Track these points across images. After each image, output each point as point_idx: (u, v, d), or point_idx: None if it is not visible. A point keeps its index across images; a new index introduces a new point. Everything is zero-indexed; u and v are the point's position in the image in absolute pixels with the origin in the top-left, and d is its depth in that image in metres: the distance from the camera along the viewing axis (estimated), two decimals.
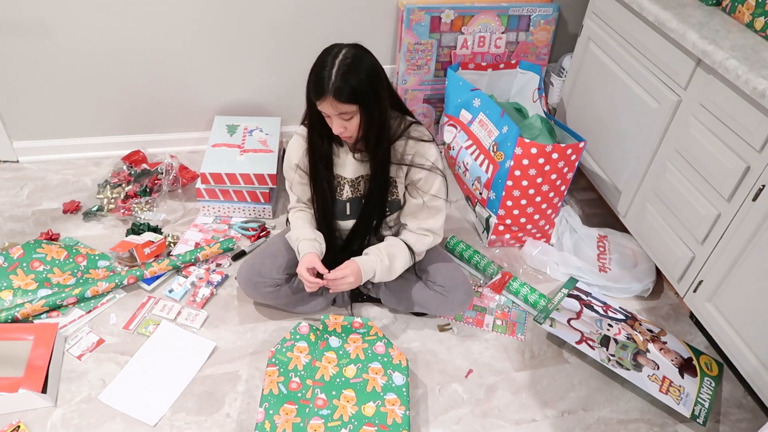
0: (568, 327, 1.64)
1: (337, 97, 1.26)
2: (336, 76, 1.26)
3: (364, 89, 1.28)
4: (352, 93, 1.27)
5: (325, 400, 1.40)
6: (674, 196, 1.61)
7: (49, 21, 1.88)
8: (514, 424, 1.48)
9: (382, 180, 1.47)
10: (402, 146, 1.47)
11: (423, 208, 1.52)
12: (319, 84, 1.28)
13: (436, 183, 1.49)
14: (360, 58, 1.29)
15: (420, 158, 1.47)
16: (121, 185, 2.04)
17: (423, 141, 1.47)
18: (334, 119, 1.33)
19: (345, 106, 1.28)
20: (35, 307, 1.58)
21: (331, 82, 1.26)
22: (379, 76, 1.33)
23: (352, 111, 1.30)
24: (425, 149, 1.47)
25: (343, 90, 1.26)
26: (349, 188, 1.53)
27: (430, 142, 1.48)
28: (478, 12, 2.09)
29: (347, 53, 1.29)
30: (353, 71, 1.27)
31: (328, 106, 1.30)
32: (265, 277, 1.57)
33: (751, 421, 1.53)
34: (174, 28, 1.98)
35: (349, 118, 1.32)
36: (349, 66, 1.27)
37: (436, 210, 1.53)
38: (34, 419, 1.40)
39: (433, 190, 1.50)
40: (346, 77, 1.26)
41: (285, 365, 1.46)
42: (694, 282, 1.58)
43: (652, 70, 1.66)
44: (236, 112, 2.22)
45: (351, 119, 1.32)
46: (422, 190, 1.50)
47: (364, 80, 1.28)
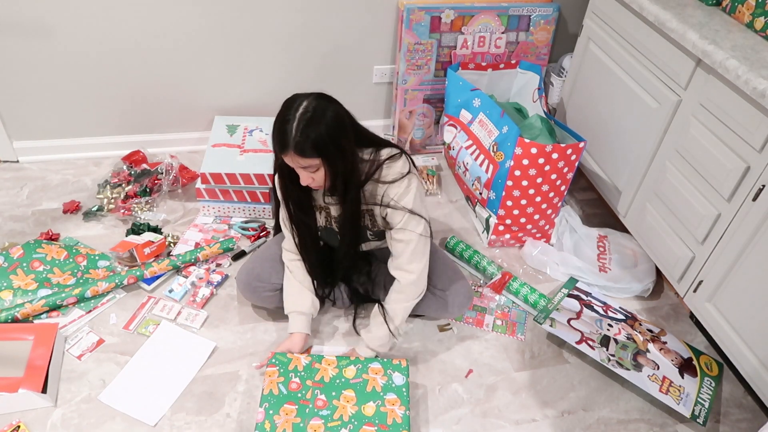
0: (568, 327, 1.64)
1: (298, 152, 1.25)
2: (296, 131, 1.24)
3: (324, 143, 1.25)
4: (313, 147, 1.24)
5: (325, 401, 1.40)
6: (674, 196, 1.61)
7: (49, 21, 1.88)
8: (514, 424, 1.48)
9: (352, 223, 1.46)
10: (372, 188, 1.42)
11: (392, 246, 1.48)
12: (282, 138, 1.26)
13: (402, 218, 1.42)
14: (321, 110, 1.26)
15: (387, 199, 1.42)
16: (121, 185, 2.04)
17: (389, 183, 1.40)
18: (300, 172, 1.32)
19: (307, 160, 1.27)
20: (35, 307, 1.58)
21: (291, 137, 1.24)
22: (341, 127, 1.29)
23: (316, 164, 1.28)
24: (392, 190, 1.40)
25: (303, 145, 1.24)
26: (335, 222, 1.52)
27: (398, 181, 1.40)
28: (478, 12, 2.09)
29: (308, 106, 1.26)
30: (313, 125, 1.24)
31: (291, 160, 1.28)
32: (264, 281, 1.58)
33: (751, 421, 1.53)
34: (174, 28, 1.98)
35: (314, 170, 1.30)
36: (309, 120, 1.24)
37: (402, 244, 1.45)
38: (34, 419, 1.40)
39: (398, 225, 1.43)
40: (306, 132, 1.24)
41: (285, 366, 1.46)
42: (694, 282, 1.58)
43: (652, 70, 1.66)
44: (236, 112, 2.22)
45: (317, 171, 1.31)
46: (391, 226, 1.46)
47: (323, 134, 1.25)
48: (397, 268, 1.50)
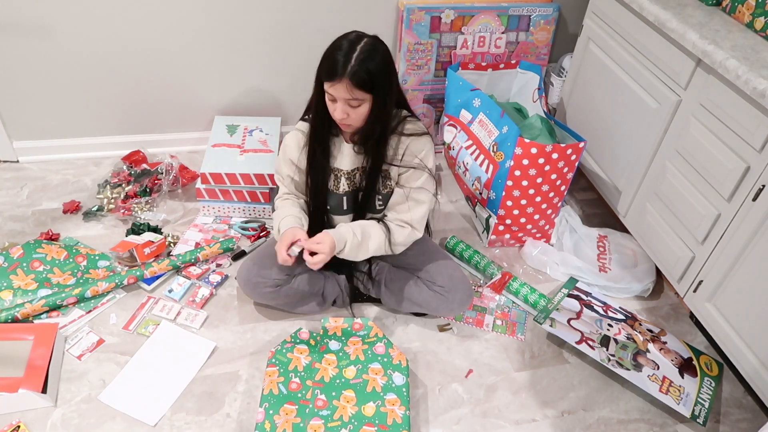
0: (568, 327, 1.64)
1: (354, 81, 1.25)
2: (355, 61, 1.25)
3: (381, 79, 1.27)
4: (368, 80, 1.26)
5: (325, 401, 1.40)
6: (674, 196, 1.61)
7: (49, 21, 1.88)
8: (514, 424, 1.48)
9: (375, 174, 1.48)
10: (395, 142, 1.46)
11: (404, 200, 1.51)
12: (334, 66, 1.26)
13: (421, 178, 1.48)
14: (378, 47, 1.29)
15: (409, 155, 1.46)
16: (121, 185, 2.04)
17: (414, 136, 1.46)
18: (340, 104, 1.31)
19: (358, 92, 1.27)
20: (35, 307, 1.58)
21: (349, 66, 1.25)
22: (393, 69, 1.33)
23: (363, 98, 1.29)
24: (416, 145, 1.46)
25: (360, 75, 1.25)
26: (345, 181, 1.52)
27: (421, 136, 1.46)
28: (478, 12, 2.09)
29: (368, 40, 1.29)
30: (372, 58, 1.26)
31: (342, 89, 1.28)
32: (265, 277, 1.57)
33: (751, 421, 1.53)
34: (174, 28, 1.98)
35: (357, 105, 1.30)
36: (368, 52, 1.26)
37: (416, 203, 1.51)
38: (34, 419, 1.40)
39: (417, 184, 1.49)
40: (365, 63, 1.25)
41: (285, 366, 1.46)
42: (694, 282, 1.58)
43: (652, 70, 1.66)
44: (236, 112, 2.22)
45: (358, 107, 1.31)
46: (407, 185, 1.49)
47: (382, 69, 1.27)
48: (405, 222, 1.50)
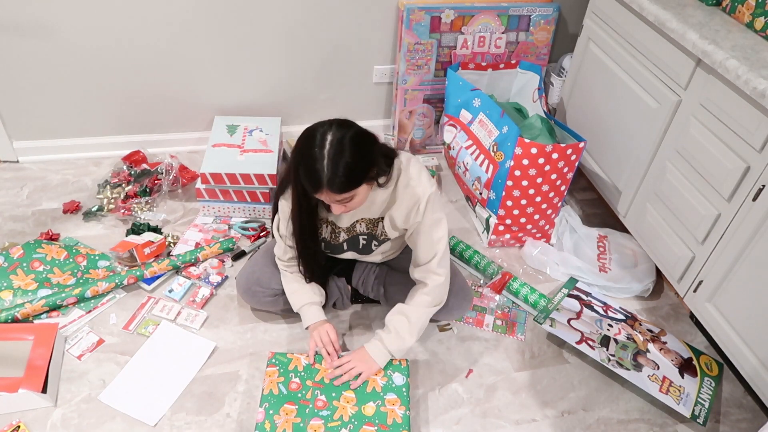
0: (568, 327, 1.64)
1: (334, 189, 1.21)
2: (329, 170, 1.19)
3: (362, 167, 1.23)
4: (349, 180, 1.22)
5: (325, 401, 1.40)
6: (674, 196, 1.61)
7: (49, 21, 1.88)
8: (514, 424, 1.48)
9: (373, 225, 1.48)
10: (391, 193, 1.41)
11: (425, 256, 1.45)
12: (315, 180, 1.21)
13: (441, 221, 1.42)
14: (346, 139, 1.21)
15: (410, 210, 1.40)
16: (121, 185, 2.04)
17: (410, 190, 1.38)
18: (334, 205, 1.29)
19: (345, 194, 1.24)
20: (35, 307, 1.58)
21: (325, 177, 1.20)
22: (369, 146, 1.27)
23: (353, 194, 1.26)
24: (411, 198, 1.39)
25: (339, 181, 1.20)
26: (345, 233, 1.51)
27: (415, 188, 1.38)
28: (478, 12, 2.09)
29: (332, 140, 1.20)
30: (343, 156, 1.19)
31: (328, 197, 1.25)
32: (264, 286, 1.57)
33: (751, 421, 1.53)
34: (174, 29, 1.98)
35: (350, 199, 1.28)
36: (337, 153, 1.19)
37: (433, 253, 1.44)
38: (34, 419, 1.40)
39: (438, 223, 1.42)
40: (342, 170, 1.19)
41: (285, 366, 1.46)
42: (694, 282, 1.58)
43: (652, 70, 1.66)
44: (236, 112, 2.22)
45: (352, 200, 1.28)
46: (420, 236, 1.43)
47: (358, 160, 1.22)
48: (426, 271, 1.45)
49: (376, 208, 1.44)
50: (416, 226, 1.42)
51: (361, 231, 1.50)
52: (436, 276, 1.45)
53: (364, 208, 1.44)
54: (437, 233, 1.42)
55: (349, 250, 1.55)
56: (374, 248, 1.54)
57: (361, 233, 1.50)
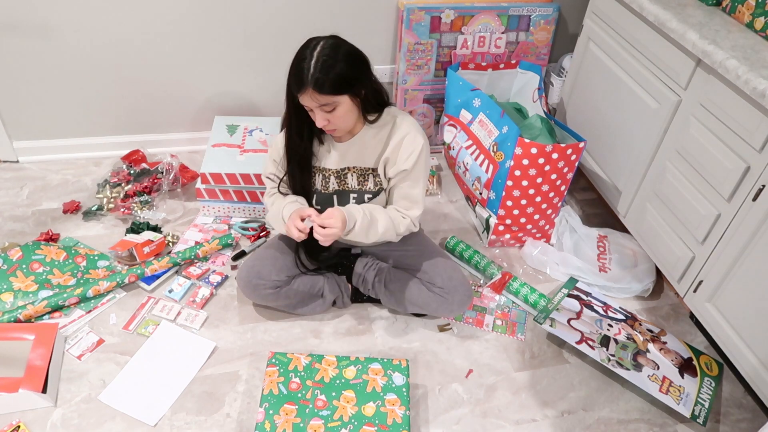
0: (568, 327, 1.64)
1: (317, 88, 1.26)
2: (314, 68, 1.26)
3: (348, 76, 1.29)
4: (332, 83, 1.27)
5: (325, 401, 1.40)
6: (674, 196, 1.61)
7: (49, 21, 1.88)
8: (514, 424, 1.48)
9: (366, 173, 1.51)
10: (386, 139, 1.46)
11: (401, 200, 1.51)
12: (299, 77, 1.27)
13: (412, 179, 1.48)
14: (337, 47, 1.29)
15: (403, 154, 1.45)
16: (121, 185, 2.04)
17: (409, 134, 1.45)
18: (317, 112, 1.32)
19: (326, 97, 1.28)
20: (37, 309, 1.58)
21: (310, 74, 1.26)
22: (362, 64, 1.33)
23: (334, 101, 1.30)
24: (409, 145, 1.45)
25: (322, 81, 1.26)
26: (335, 180, 1.52)
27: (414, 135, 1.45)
28: (478, 12, 2.09)
29: (324, 44, 1.29)
30: (331, 61, 1.26)
31: (309, 98, 1.29)
32: (264, 279, 1.57)
33: (751, 421, 1.53)
34: (174, 28, 1.98)
35: (331, 109, 1.31)
36: (327, 56, 1.27)
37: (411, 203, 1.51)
38: (34, 419, 1.40)
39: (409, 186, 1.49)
40: (325, 67, 1.26)
41: (285, 366, 1.46)
42: (694, 282, 1.58)
43: (652, 70, 1.66)
44: (236, 112, 2.22)
45: (334, 110, 1.32)
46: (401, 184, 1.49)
47: (346, 68, 1.28)
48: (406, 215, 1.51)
49: (369, 154, 1.47)
50: (403, 174, 1.47)
51: (352, 186, 1.51)
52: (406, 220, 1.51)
53: (357, 152, 1.46)
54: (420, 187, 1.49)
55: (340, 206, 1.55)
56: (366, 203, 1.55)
57: (352, 189, 1.51)
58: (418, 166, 1.46)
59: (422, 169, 1.48)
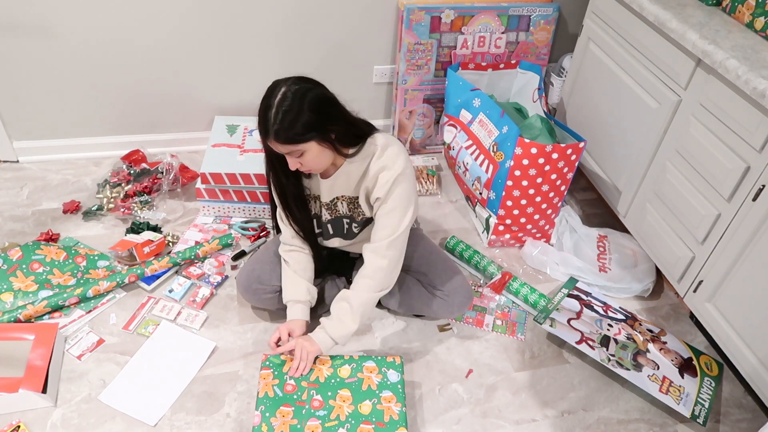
0: (568, 327, 1.64)
1: (278, 139, 1.24)
2: (275, 119, 1.22)
3: (312, 124, 1.24)
4: (293, 133, 1.23)
5: (321, 401, 1.40)
6: (674, 196, 1.61)
7: (49, 21, 1.88)
8: (514, 424, 1.48)
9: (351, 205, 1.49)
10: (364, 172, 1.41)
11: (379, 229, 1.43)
12: (263, 126, 1.25)
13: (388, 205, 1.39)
14: (301, 94, 1.24)
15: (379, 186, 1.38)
16: (121, 185, 2.04)
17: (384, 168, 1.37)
18: (287, 157, 1.30)
19: (288, 146, 1.25)
20: (37, 309, 1.58)
21: (270, 124, 1.23)
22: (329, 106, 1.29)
23: (299, 149, 1.26)
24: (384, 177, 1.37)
25: (282, 132, 1.23)
26: (326, 211, 1.51)
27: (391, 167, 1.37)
28: (478, 12, 2.09)
29: (287, 91, 1.23)
30: (293, 111, 1.22)
31: (275, 146, 1.27)
32: (264, 283, 1.57)
33: (751, 421, 1.53)
34: (174, 28, 1.98)
35: (299, 155, 1.28)
36: (288, 107, 1.22)
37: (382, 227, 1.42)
38: (34, 419, 1.40)
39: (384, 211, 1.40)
40: (286, 119, 1.22)
41: (279, 368, 1.46)
42: (694, 282, 1.58)
43: (652, 70, 1.66)
44: (236, 112, 2.22)
45: (302, 156, 1.28)
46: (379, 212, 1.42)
47: (309, 115, 1.23)
48: (372, 251, 1.42)
49: (353, 184, 1.44)
50: (378, 203, 1.40)
51: (344, 212, 1.50)
52: (380, 259, 1.41)
53: (343, 183, 1.44)
54: (397, 217, 1.39)
55: (335, 235, 1.56)
56: (356, 231, 1.53)
57: (344, 215, 1.51)
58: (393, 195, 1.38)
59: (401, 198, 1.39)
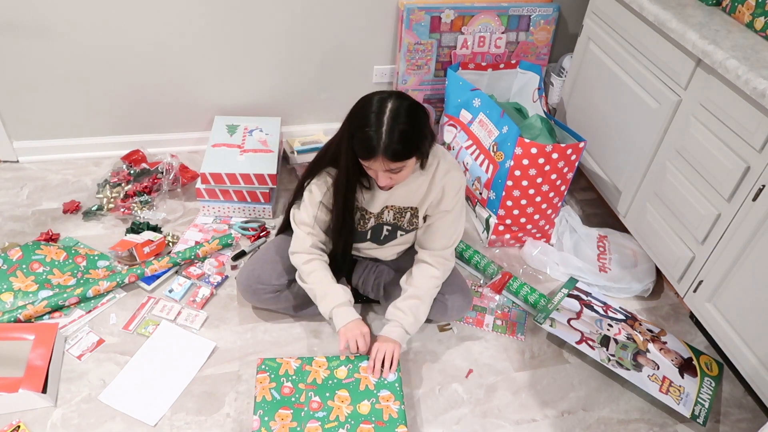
0: (568, 327, 1.64)
1: (389, 156, 1.24)
2: (387, 137, 1.23)
3: (416, 139, 1.27)
4: (404, 149, 1.25)
5: (320, 402, 1.39)
6: (674, 196, 1.61)
7: (49, 21, 1.88)
8: (514, 424, 1.48)
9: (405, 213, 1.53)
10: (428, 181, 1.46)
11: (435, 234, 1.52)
12: (370, 145, 1.24)
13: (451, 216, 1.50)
14: (411, 110, 1.26)
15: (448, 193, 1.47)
16: (121, 185, 2.04)
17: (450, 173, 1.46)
18: (381, 174, 1.31)
19: (397, 163, 1.27)
20: (37, 309, 1.58)
21: (381, 142, 1.23)
22: (424, 121, 1.31)
23: (404, 165, 1.29)
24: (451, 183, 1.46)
25: (395, 148, 1.24)
26: (374, 220, 1.53)
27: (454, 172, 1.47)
28: (478, 12, 2.09)
29: (395, 107, 1.25)
30: (403, 125, 1.23)
31: (380, 164, 1.27)
32: (265, 283, 1.57)
33: (751, 421, 1.53)
34: (174, 28, 1.98)
35: (399, 170, 1.30)
36: (404, 125, 1.24)
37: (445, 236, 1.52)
38: (34, 419, 1.40)
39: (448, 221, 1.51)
40: (400, 136, 1.23)
41: (275, 371, 1.45)
42: (694, 282, 1.58)
43: (652, 70, 1.66)
44: (236, 112, 2.22)
45: (401, 171, 1.31)
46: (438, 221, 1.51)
47: (414, 131, 1.25)
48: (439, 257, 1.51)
49: (412, 196, 1.47)
50: (443, 214, 1.48)
51: (387, 220, 1.52)
52: (448, 262, 1.53)
53: (402, 195, 1.47)
54: (461, 224, 1.53)
55: (371, 239, 1.58)
56: (396, 236, 1.57)
57: (387, 222, 1.52)
58: (459, 204, 1.49)
59: (462, 206, 1.52)
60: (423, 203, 1.48)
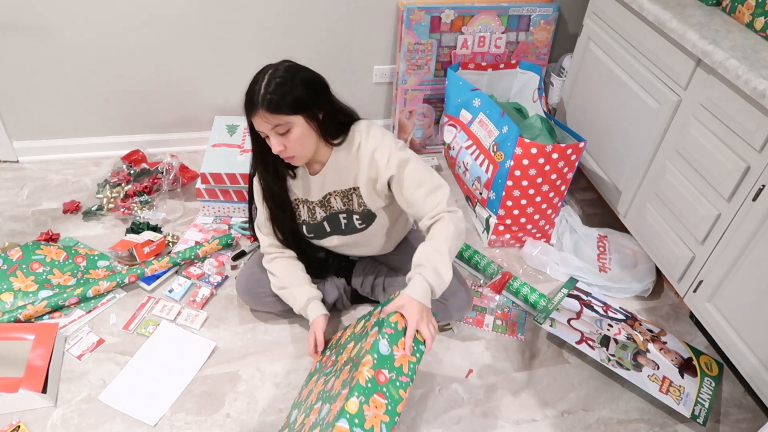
0: (568, 327, 1.64)
1: (267, 107, 1.24)
2: (266, 89, 1.25)
3: (301, 97, 1.27)
4: (283, 102, 1.24)
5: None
6: (674, 196, 1.61)
7: (49, 21, 1.88)
8: (514, 424, 1.48)
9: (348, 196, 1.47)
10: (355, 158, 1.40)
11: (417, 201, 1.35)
12: (251, 99, 1.26)
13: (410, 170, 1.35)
14: (293, 70, 1.29)
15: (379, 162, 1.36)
16: (121, 185, 2.04)
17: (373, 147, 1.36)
18: (272, 136, 1.29)
19: (276, 117, 1.25)
20: (37, 309, 1.58)
21: (260, 95, 1.25)
22: (319, 85, 1.32)
23: (287, 122, 1.26)
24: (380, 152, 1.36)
25: (273, 99, 1.24)
26: (320, 209, 1.50)
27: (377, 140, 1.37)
28: (478, 12, 2.09)
29: (278, 66, 1.29)
30: (284, 82, 1.25)
31: (261, 120, 1.26)
32: (264, 286, 1.57)
33: (751, 421, 1.53)
34: (174, 28, 1.98)
35: (285, 131, 1.27)
36: (281, 77, 1.26)
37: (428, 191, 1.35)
38: (34, 419, 1.40)
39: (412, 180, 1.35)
40: (277, 88, 1.25)
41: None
42: (694, 282, 1.58)
43: (652, 70, 1.66)
44: (236, 112, 2.22)
45: (287, 133, 1.28)
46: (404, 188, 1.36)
47: (299, 89, 1.26)
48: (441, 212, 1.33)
49: (345, 176, 1.43)
50: (397, 181, 1.36)
51: (338, 208, 1.49)
52: (452, 213, 1.33)
53: (334, 177, 1.43)
54: (426, 174, 1.35)
55: (334, 233, 1.54)
56: (359, 225, 1.50)
57: (339, 210, 1.49)
58: (402, 162, 1.35)
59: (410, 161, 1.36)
60: (359, 180, 1.42)
